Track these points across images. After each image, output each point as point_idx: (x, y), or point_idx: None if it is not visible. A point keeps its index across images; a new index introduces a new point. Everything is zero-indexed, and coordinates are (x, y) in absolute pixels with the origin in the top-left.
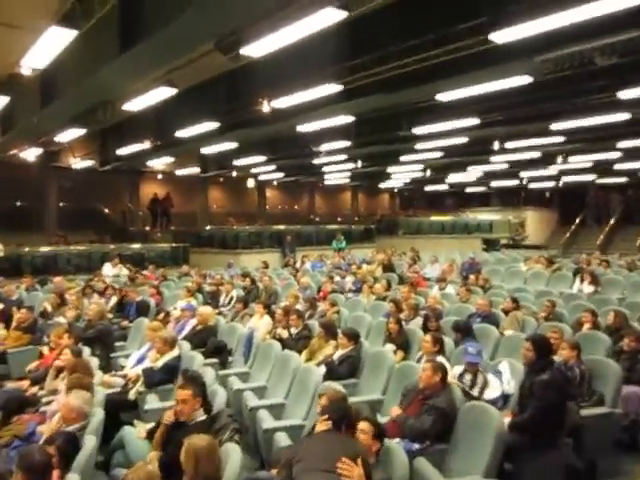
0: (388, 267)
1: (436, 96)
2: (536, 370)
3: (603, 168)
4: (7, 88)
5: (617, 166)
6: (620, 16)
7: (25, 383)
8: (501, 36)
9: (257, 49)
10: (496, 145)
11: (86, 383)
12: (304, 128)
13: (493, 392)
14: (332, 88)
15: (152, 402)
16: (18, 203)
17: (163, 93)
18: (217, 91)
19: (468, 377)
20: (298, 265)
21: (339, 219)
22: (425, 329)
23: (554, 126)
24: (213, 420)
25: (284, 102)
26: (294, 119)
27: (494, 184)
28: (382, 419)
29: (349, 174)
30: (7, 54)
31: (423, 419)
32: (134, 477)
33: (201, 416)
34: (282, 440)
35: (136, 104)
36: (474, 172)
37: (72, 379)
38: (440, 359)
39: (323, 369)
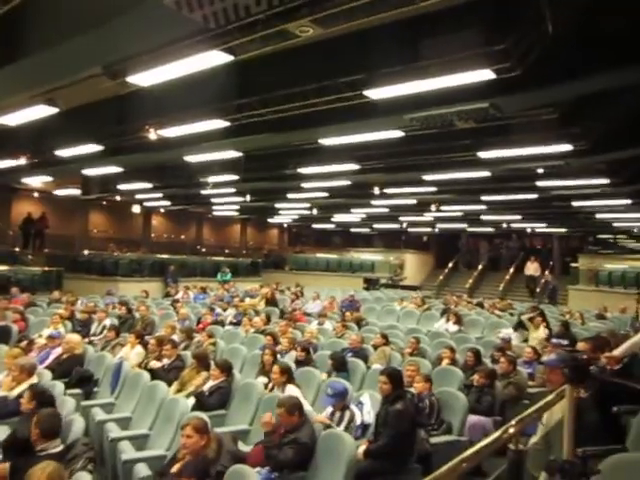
0: (271, 301)
1: (319, 140)
2: (390, 401)
3: (472, 218)
4: None
5: (483, 217)
6: (471, 87)
7: None
8: (374, 93)
9: (144, 79)
10: (376, 190)
11: None
12: (191, 158)
13: (356, 420)
14: (219, 123)
15: (2, 433)
16: None
17: (42, 111)
18: (103, 114)
19: (337, 414)
20: (179, 296)
21: (227, 251)
22: (300, 363)
23: (426, 177)
24: (68, 449)
25: (171, 132)
26: (181, 149)
27: (377, 226)
28: (246, 448)
29: (238, 207)
30: None
31: (285, 451)
32: None
33: (57, 447)
34: (142, 471)
35: (12, 119)
36: (358, 214)
37: None
38: (290, 388)
39: (191, 400)
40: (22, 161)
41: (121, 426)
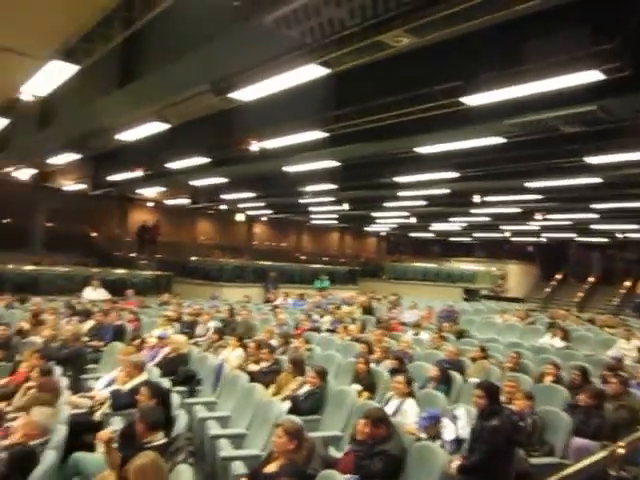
0: (367, 310)
1: (414, 149)
2: (485, 416)
3: (581, 227)
4: (7, 111)
5: (594, 226)
6: (577, 90)
7: None
8: (472, 100)
9: (246, 94)
10: (477, 198)
11: (49, 401)
12: (291, 169)
13: (448, 435)
14: (317, 134)
15: (117, 424)
16: (5, 220)
17: (156, 127)
18: (209, 128)
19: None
20: (278, 302)
21: (325, 259)
22: (395, 372)
23: (529, 184)
24: (170, 443)
25: (271, 143)
26: (281, 160)
27: (478, 235)
28: (337, 454)
29: (336, 216)
30: (10, 78)
31: (375, 462)
32: None
33: (160, 439)
34: (238, 469)
35: (129, 135)
36: (457, 222)
37: (33, 397)
38: (409, 402)
39: (287, 404)
40: (138, 173)
41: (221, 424)
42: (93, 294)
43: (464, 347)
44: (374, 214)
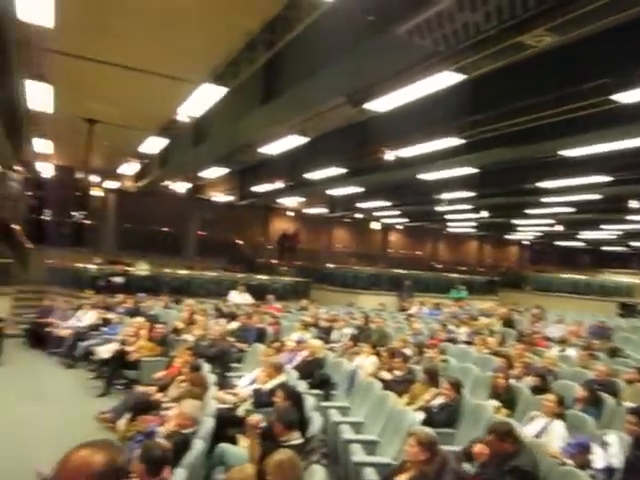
0: (508, 322)
1: (560, 152)
2: None
3: None
4: (166, 131)
5: None
6: None
7: (152, 389)
8: (626, 96)
9: (381, 104)
10: (634, 203)
11: (198, 394)
12: (426, 177)
13: (599, 463)
14: (453, 141)
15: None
16: (164, 229)
17: (295, 141)
18: (345, 139)
19: None
20: (413, 310)
21: (462, 268)
22: (537, 390)
23: None
24: (305, 443)
25: (406, 152)
26: (416, 168)
27: (636, 244)
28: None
29: (474, 224)
30: (168, 102)
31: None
32: (236, 477)
33: (296, 439)
34: (370, 475)
35: (271, 149)
36: (610, 230)
37: (187, 390)
38: (558, 423)
39: (421, 414)
40: (279, 184)
41: (354, 429)
42: (238, 298)
43: (618, 367)
44: (515, 221)
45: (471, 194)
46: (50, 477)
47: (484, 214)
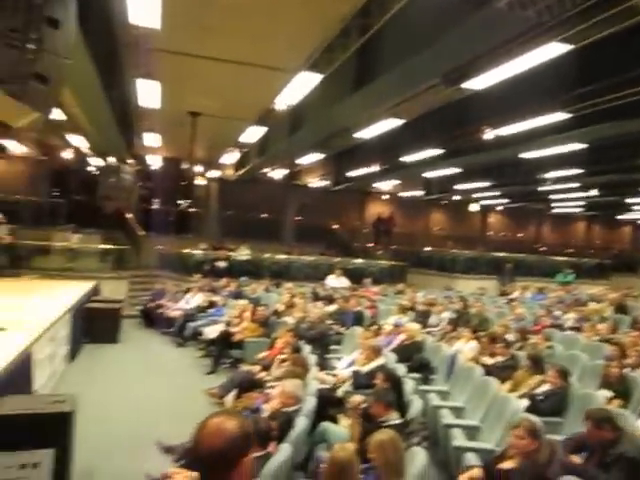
0: (620, 308)
1: None
2: None
3: None
4: (265, 120)
5: None
6: None
7: (256, 368)
8: None
9: (479, 82)
10: None
11: (300, 374)
12: (529, 155)
13: None
14: (559, 116)
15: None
16: (263, 215)
17: (390, 124)
18: (440, 120)
19: None
20: (515, 295)
21: (569, 250)
22: None
23: None
24: (405, 425)
25: (507, 130)
26: (518, 146)
27: None
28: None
29: (582, 203)
30: (267, 92)
31: (613, 474)
32: (340, 455)
33: (395, 419)
34: (472, 460)
35: (366, 133)
36: None
37: (289, 370)
38: None
39: (524, 402)
40: (374, 168)
41: (454, 414)
42: (335, 282)
43: None
44: (629, 200)
45: (578, 171)
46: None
47: (593, 193)
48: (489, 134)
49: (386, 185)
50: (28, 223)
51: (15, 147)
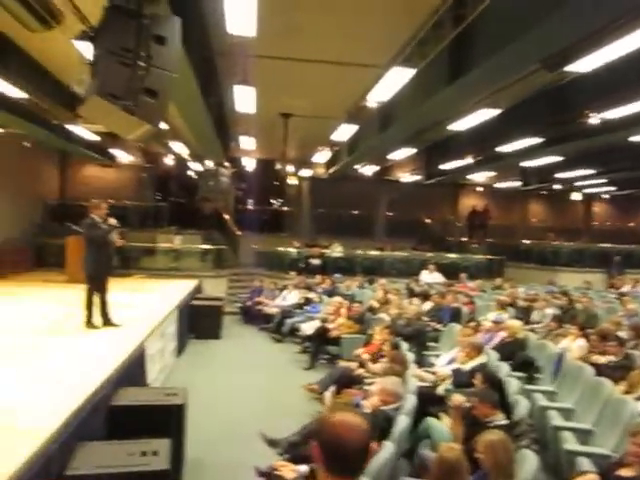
0: None
1: None
2: None
3: None
4: (356, 118)
5: None
6: None
7: (354, 364)
8: None
9: (584, 65)
10: None
11: (399, 371)
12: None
13: None
14: None
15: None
16: (354, 212)
17: (487, 114)
18: (540, 107)
19: None
20: (625, 289)
21: None
22: None
23: None
24: (512, 426)
25: (615, 113)
26: (627, 129)
27: None
28: None
29: None
30: (358, 89)
31: None
32: (449, 455)
33: (501, 420)
34: (585, 465)
35: (461, 125)
36: None
37: (388, 367)
38: None
39: None
40: (467, 160)
41: (563, 416)
42: (429, 277)
43: None
44: None
45: None
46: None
47: None
48: (595, 118)
49: (480, 177)
50: (135, 226)
51: (123, 156)
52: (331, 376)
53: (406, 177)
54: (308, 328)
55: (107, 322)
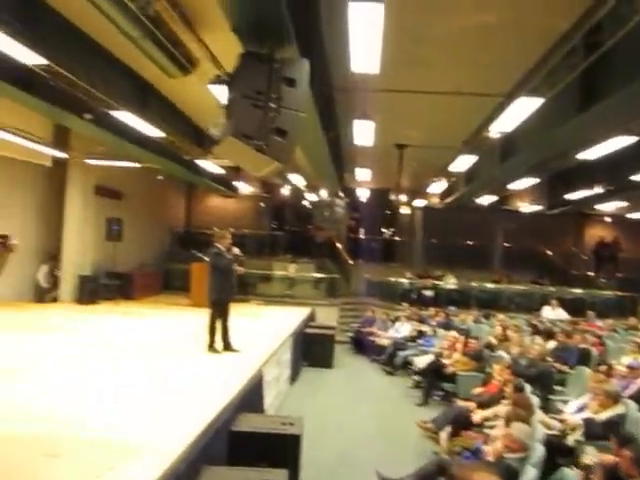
0: None
1: None
2: None
3: None
4: (474, 148)
5: None
6: None
7: (471, 404)
8: None
9: None
10: None
11: (524, 417)
12: None
13: None
14: None
15: (590, 453)
16: (469, 242)
17: (621, 142)
18: None
19: None
20: None
21: None
22: None
23: None
24: None
25: None
26: None
27: None
28: None
29: None
30: (478, 119)
31: None
32: None
33: None
34: None
35: (591, 153)
36: None
37: (513, 412)
38: None
39: None
40: (597, 189)
41: None
42: (551, 313)
43: None
44: None
45: None
46: None
47: None
48: None
49: (609, 206)
50: (253, 254)
51: (244, 187)
52: (447, 415)
53: (525, 207)
54: (421, 362)
55: (227, 347)
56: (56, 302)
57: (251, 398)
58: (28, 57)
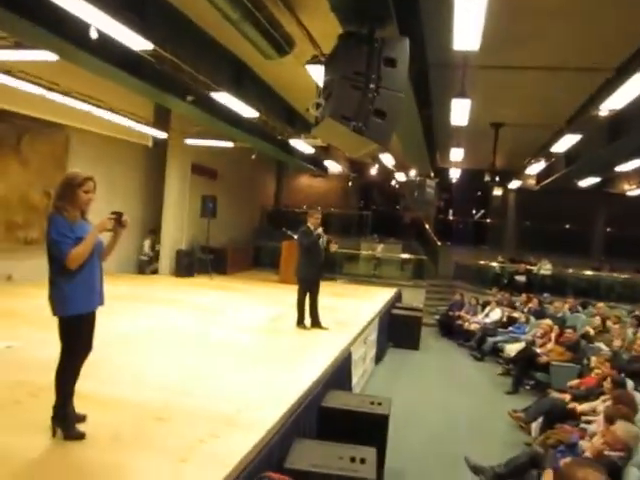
0: None
1: None
2: None
3: None
4: (577, 127)
5: None
6: None
7: (566, 396)
8: None
9: None
10: None
11: (627, 414)
12: None
13: None
14: None
15: None
16: (567, 226)
17: None
18: None
19: None
20: None
21: None
22: None
23: None
24: None
25: None
26: None
27: None
28: None
29: None
30: (581, 97)
31: None
32: None
33: None
34: None
35: None
36: None
37: (615, 408)
38: None
39: None
40: None
41: None
42: None
43: None
44: None
45: None
46: None
47: None
48: None
49: None
50: (340, 233)
51: (333, 166)
52: (540, 406)
53: (632, 190)
54: (512, 349)
55: (316, 324)
56: (156, 274)
57: (339, 376)
58: (136, 43)
